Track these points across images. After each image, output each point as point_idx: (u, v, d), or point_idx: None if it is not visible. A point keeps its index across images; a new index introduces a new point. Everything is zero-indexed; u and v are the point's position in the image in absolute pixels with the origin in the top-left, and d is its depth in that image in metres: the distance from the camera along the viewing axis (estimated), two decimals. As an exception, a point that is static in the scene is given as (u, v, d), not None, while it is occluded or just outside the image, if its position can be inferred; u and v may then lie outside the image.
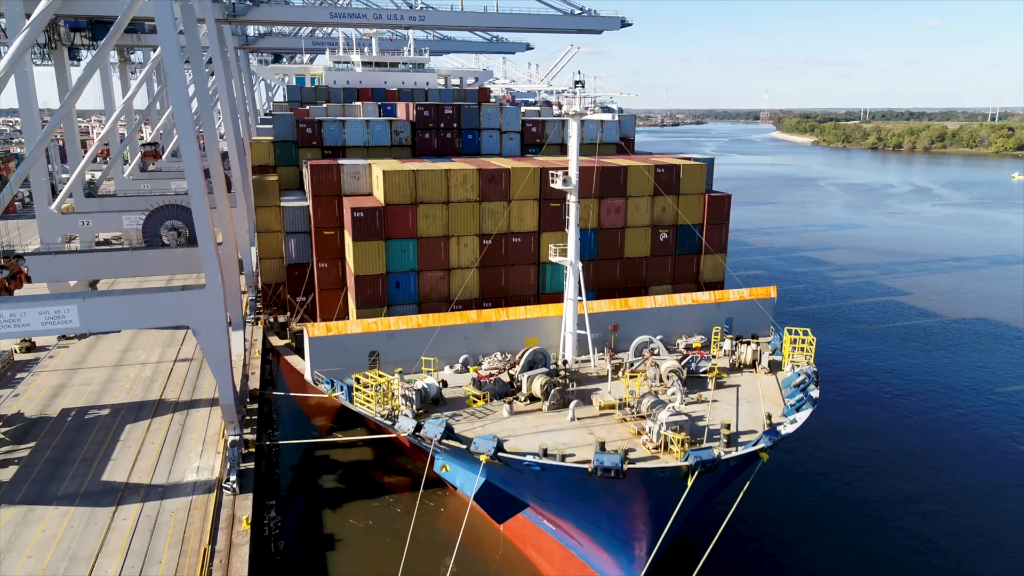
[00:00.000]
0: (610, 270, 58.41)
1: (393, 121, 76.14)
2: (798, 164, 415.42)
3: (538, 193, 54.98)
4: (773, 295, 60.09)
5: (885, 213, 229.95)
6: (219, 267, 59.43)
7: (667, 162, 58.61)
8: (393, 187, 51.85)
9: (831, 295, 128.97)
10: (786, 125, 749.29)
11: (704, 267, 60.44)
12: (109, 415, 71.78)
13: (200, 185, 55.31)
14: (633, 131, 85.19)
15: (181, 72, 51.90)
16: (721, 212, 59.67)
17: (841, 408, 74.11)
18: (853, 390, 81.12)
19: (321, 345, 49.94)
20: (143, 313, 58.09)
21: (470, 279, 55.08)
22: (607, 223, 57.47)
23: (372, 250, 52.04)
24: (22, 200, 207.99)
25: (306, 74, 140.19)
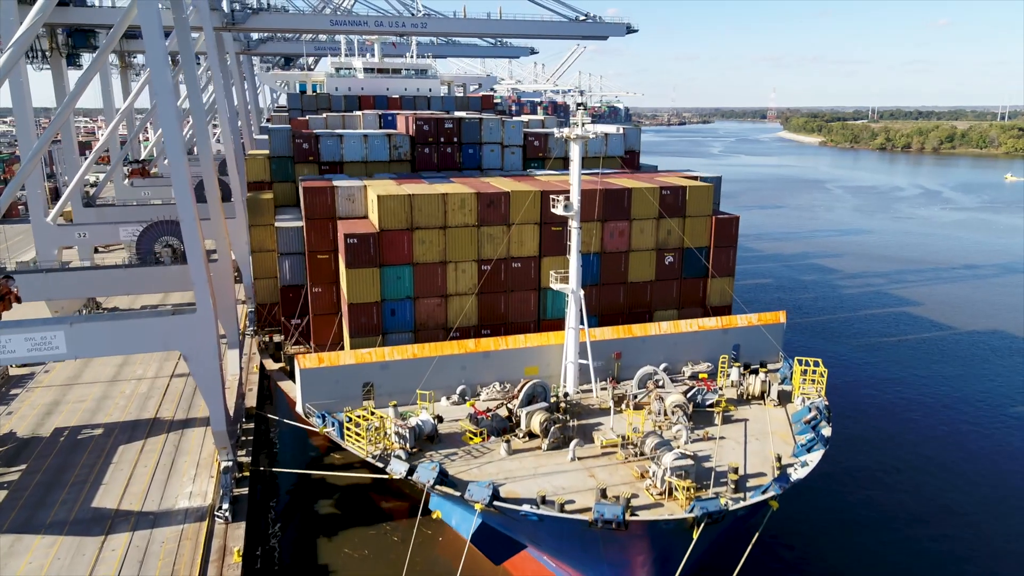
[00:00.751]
0: (613, 295, 56.49)
1: (392, 135, 74.30)
2: (805, 165, 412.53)
3: (539, 217, 53.11)
4: (782, 320, 58.08)
5: (894, 218, 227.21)
6: (211, 289, 57.79)
7: (672, 183, 56.60)
8: (388, 212, 50.02)
9: (840, 305, 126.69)
10: (793, 125, 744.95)
11: (711, 291, 58.49)
12: (102, 435, 70.39)
13: (189, 202, 53.31)
14: (638, 143, 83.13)
15: (168, 80, 50.08)
16: (728, 235, 57.68)
17: (854, 444, 68.96)
18: (866, 420, 76.71)
19: (312, 377, 48.18)
20: (132, 339, 56.54)
21: (468, 306, 53.27)
22: (610, 247, 55.56)
23: (366, 277, 50.26)
24: (25, 204, 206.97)
25: (308, 81, 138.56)
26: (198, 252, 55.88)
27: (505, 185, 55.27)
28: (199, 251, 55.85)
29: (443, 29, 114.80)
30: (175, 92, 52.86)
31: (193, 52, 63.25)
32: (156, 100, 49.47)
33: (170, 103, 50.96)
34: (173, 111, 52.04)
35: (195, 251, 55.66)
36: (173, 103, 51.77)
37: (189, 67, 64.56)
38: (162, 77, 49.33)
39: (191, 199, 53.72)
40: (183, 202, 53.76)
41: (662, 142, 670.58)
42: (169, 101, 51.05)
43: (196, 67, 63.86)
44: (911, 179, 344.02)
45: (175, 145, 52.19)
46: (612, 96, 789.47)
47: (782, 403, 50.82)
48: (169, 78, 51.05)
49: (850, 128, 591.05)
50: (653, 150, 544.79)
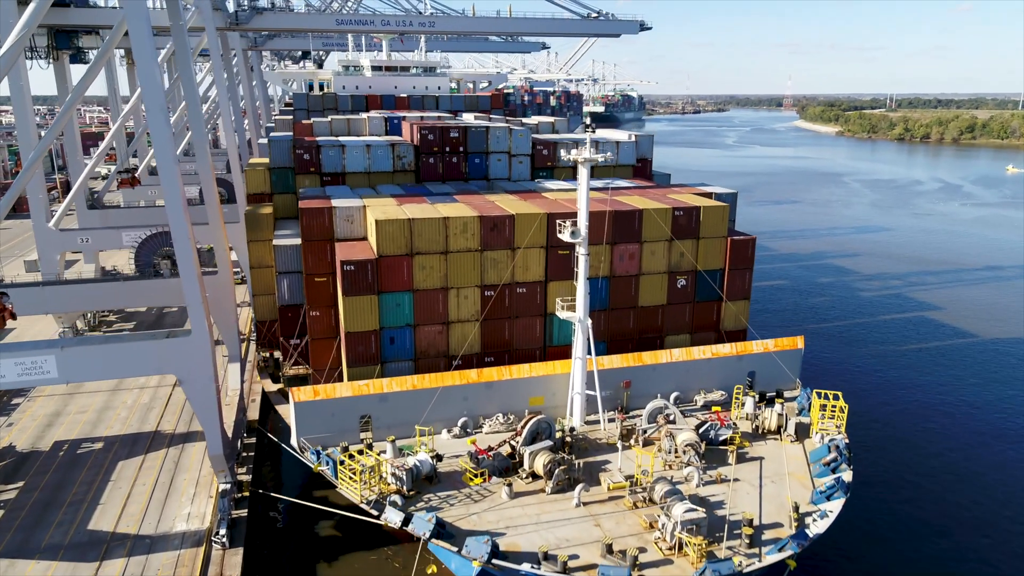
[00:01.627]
0: (623, 320, 54.15)
1: (396, 145, 72.02)
2: (822, 157, 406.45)
3: (545, 240, 50.76)
4: (799, 346, 55.53)
5: (913, 214, 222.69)
6: (206, 311, 55.99)
7: (686, 203, 53.99)
8: (386, 237, 47.83)
9: (858, 310, 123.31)
10: (810, 114, 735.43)
11: (725, 315, 56.00)
12: (102, 450, 69.17)
13: (181, 214, 50.99)
14: (650, 151, 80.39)
15: (156, 81, 47.26)
16: (744, 257, 55.10)
17: (877, 487, 61.64)
18: (888, 453, 69.30)
19: (307, 410, 46.26)
20: (124, 363, 54.83)
21: (471, 333, 51.10)
22: (620, 270, 53.13)
23: (364, 305, 48.18)
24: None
25: (315, 79, 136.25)
26: (192, 272, 53.92)
27: (510, 205, 52.89)
28: (193, 270, 53.89)
29: (452, 28, 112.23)
30: (165, 91, 50.48)
31: (189, 52, 60.90)
32: (143, 102, 47.34)
33: (158, 105, 48.43)
34: (162, 114, 49.59)
35: (189, 270, 53.67)
36: (162, 104, 49.27)
37: (185, 67, 62.21)
38: (150, 77, 46.99)
39: (183, 210, 51.31)
40: (175, 214, 51.54)
41: (676, 131, 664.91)
42: (157, 103, 48.46)
43: (195, 66, 61.36)
44: (930, 172, 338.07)
45: (165, 150, 50.02)
46: (625, 84, 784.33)
47: (799, 438, 48.40)
48: (157, 78, 48.48)
49: (868, 118, 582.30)
50: (667, 140, 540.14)
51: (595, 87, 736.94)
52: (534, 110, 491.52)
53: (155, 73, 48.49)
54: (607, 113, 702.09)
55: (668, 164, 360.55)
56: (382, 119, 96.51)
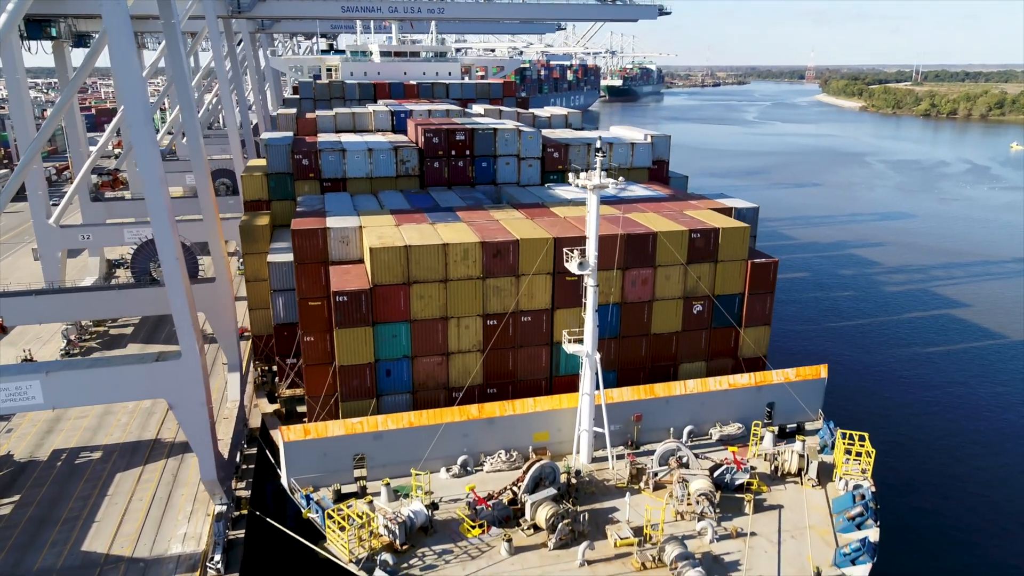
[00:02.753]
0: (634, 348, 50.97)
1: (399, 148, 68.68)
2: (845, 135, 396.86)
3: (551, 266, 47.53)
4: (823, 375, 52.14)
5: (939, 199, 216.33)
6: (196, 334, 53.51)
7: (703, 224, 50.39)
8: (382, 266, 44.78)
9: (882, 306, 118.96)
10: (833, 88, 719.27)
11: (744, 342, 52.63)
12: (100, 459, 67.50)
13: (166, 221, 48.01)
14: (667, 152, 76.63)
15: (134, 69, 44.34)
16: (766, 281, 51.57)
17: (907, 544, 55.31)
18: (918, 494, 63.41)
19: (297, 450, 43.73)
20: (112, 387, 52.66)
21: (472, 364, 48.19)
22: (632, 296, 49.83)
23: (358, 337, 45.35)
24: (48, 178, 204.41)
25: (322, 65, 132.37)
26: (180, 290, 51.28)
27: (515, 227, 49.53)
28: (181, 289, 51.23)
29: (462, 14, 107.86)
30: (143, 81, 47.22)
31: (179, 38, 57.60)
32: (119, 91, 44.12)
33: (136, 94, 45.16)
34: (140, 104, 46.41)
35: (177, 288, 50.99)
36: (140, 93, 45.99)
37: (175, 50, 58.80)
38: (126, 64, 43.83)
39: (168, 217, 48.34)
40: (159, 222, 48.59)
41: (695, 106, 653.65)
42: (135, 92, 45.26)
43: (183, 52, 57.89)
44: (957, 151, 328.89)
45: (145, 147, 47.00)
46: (643, 57, 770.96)
47: (822, 483, 45.26)
48: (136, 65, 45.40)
49: (893, 92, 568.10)
50: (686, 116, 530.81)
51: (613, 60, 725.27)
52: (550, 85, 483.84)
53: (132, 60, 45.02)
54: (625, 87, 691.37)
55: (687, 142, 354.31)
56: (388, 113, 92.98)
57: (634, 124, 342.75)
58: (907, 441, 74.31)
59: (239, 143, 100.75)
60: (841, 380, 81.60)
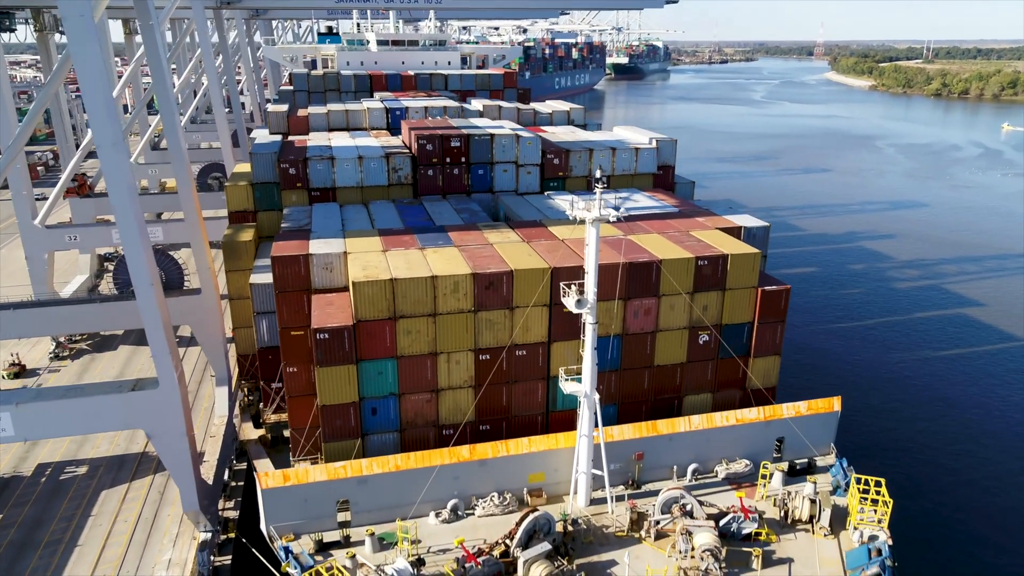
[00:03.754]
0: (636, 380, 48.05)
1: (391, 156, 65.41)
2: (853, 116, 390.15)
3: (548, 297, 44.51)
4: (836, 408, 49.20)
5: (951, 186, 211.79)
6: (174, 360, 50.82)
7: (712, 251, 47.13)
8: (365, 300, 41.80)
9: (894, 305, 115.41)
10: (842, 66, 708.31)
11: (753, 372, 49.66)
12: (86, 475, 65.51)
13: (136, 234, 44.91)
14: (673, 156, 73.12)
15: (95, 57, 41.10)
16: (776, 309, 48.45)
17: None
18: (939, 552, 58.68)
19: (277, 497, 41.07)
20: (86, 418, 50.16)
21: (464, 400, 45.38)
22: (634, 327, 46.81)
23: (340, 375, 42.53)
24: (45, 164, 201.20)
25: (317, 54, 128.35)
26: (156, 316, 48.42)
27: (509, 254, 46.35)
28: (156, 314, 48.38)
29: (461, 4, 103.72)
30: (108, 76, 43.88)
31: (155, 25, 54.25)
32: (80, 83, 41.12)
33: (98, 87, 41.95)
34: (103, 99, 43.17)
35: (151, 313, 48.12)
36: (104, 87, 42.71)
37: (151, 44, 55.54)
38: (85, 53, 40.63)
39: (137, 228, 45.26)
40: (127, 232, 45.44)
41: (702, 84, 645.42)
42: (98, 90, 41.91)
43: (160, 43, 54.44)
44: (968, 134, 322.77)
45: (108, 143, 43.83)
46: (649, 33, 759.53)
47: (835, 531, 42.50)
48: (97, 54, 41.93)
49: (903, 71, 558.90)
50: (692, 95, 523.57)
51: (619, 36, 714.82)
52: (555, 64, 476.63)
53: (95, 52, 41.69)
54: (631, 64, 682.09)
55: (693, 124, 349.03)
56: (383, 111, 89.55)
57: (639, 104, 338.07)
58: (928, 483, 68.58)
59: (229, 138, 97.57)
60: (855, 404, 78.32)
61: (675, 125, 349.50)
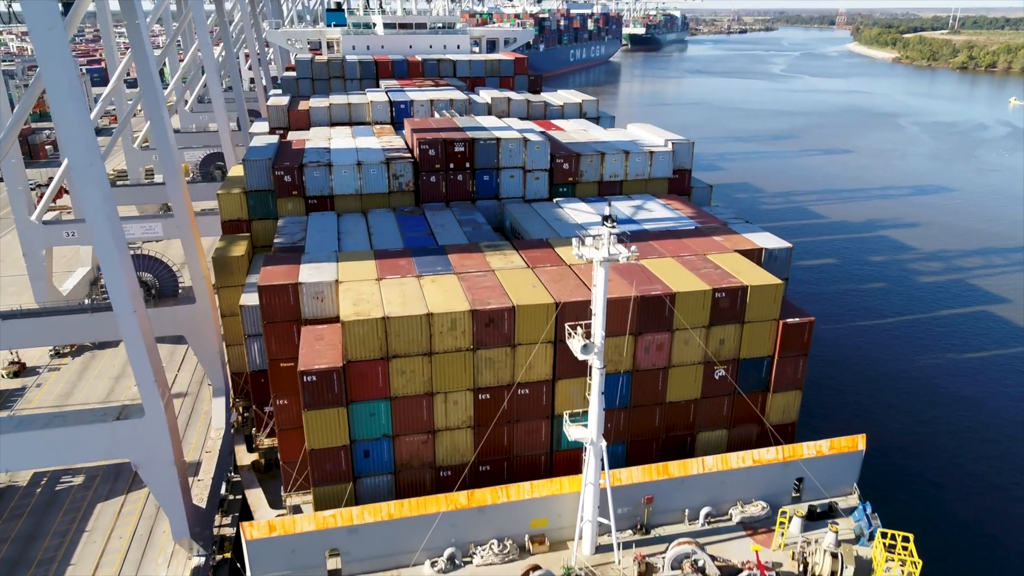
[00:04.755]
0: (646, 417, 45.08)
1: (392, 162, 62.10)
2: (876, 92, 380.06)
3: (553, 334, 41.43)
4: (860, 447, 46.06)
5: (976, 169, 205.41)
6: (160, 386, 48.46)
7: (730, 283, 43.69)
8: (356, 341, 38.92)
9: (920, 305, 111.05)
10: (865, 37, 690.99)
11: (772, 407, 46.53)
12: (82, 486, 64.09)
13: (111, 244, 42.28)
14: (690, 159, 69.28)
15: (60, 44, 38.46)
16: (799, 342, 45.13)
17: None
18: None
19: (262, 548, 38.65)
20: (68, 449, 48.11)
21: (462, 441, 42.63)
22: (645, 363, 43.71)
23: (329, 419, 39.86)
24: (53, 142, 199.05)
25: (322, 38, 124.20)
26: (138, 339, 45.97)
27: (512, 284, 43.12)
28: (138, 336, 45.91)
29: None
30: (70, 60, 41.07)
31: (138, 9, 51.13)
32: (50, 103, 38.31)
33: (71, 106, 39.09)
34: (73, 116, 40.40)
35: (133, 336, 45.67)
36: (77, 105, 39.87)
37: (133, 28, 52.45)
38: (56, 72, 37.72)
39: (118, 257, 42.74)
40: (108, 264, 42.92)
41: (720, 56, 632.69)
42: (69, 104, 39.04)
43: (143, 31, 51.26)
44: (995, 112, 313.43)
45: (83, 164, 41.24)
46: (666, 3, 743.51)
47: (858, 589, 39.65)
48: (72, 72, 39.05)
49: (928, 43, 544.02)
50: (710, 68, 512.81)
51: (636, 5, 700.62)
52: (571, 35, 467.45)
53: (67, 72, 38.84)
54: (648, 35, 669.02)
55: (711, 99, 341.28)
56: (387, 104, 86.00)
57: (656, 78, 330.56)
58: (962, 534, 62.63)
59: (228, 131, 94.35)
60: (878, 435, 74.29)
61: (692, 101, 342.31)
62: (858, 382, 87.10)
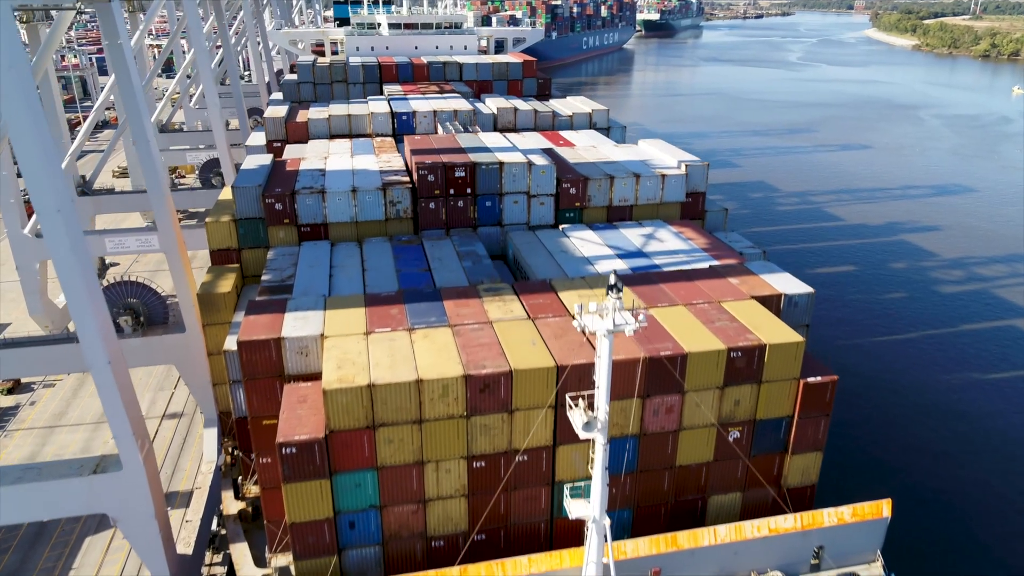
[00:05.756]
0: (655, 481, 41.95)
1: (388, 188, 58.91)
2: (895, 82, 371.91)
3: (554, 398, 38.31)
4: (885, 513, 42.72)
5: (1000, 167, 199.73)
6: (140, 439, 45.76)
7: (747, 341, 40.27)
8: (339, 410, 35.91)
9: (943, 320, 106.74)
10: (884, 23, 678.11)
11: (790, 470, 43.29)
12: (70, 518, 61.71)
13: (88, 312, 40.08)
14: (704, 182, 65.72)
15: (26, 86, 35.81)
16: (821, 402, 41.77)
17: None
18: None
19: (239, 631, 35.96)
20: (45, 503, 45.54)
21: (455, 510, 39.69)
22: (653, 427, 40.52)
23: (311, 491, 36.99)
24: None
25: (325, 39, 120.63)
26: (113, 391, 43.24)
27: (509, 341, 39.87)
28: (114, 389, 43.18)
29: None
30: (35, 101, 38.19)
31: (124, 33, 48.24)
32: (14, 148, 35.59)
33: (28, 118, 36.26)
34: (39, 158, 37.65)
35: (108, 388, 42.96)
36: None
37: (115, 50, 49.57)
38: (7, 79, 34.68)
39: (91, 312, 40.34)
40: (81, 319, 40.26)
41: (735, 43, 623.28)
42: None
43: (125, 36, 48.46)
44: (1018, 104, 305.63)
45: (50, 209, 38.45)
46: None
47: None
48: (27, 80, 36.29)
49: (949, 30, 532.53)
50: (725, 56, 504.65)
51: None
52: (583, 22, 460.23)
53: (24, 81, 35.95)
54: (662, 21, 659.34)
55: (725, 89, 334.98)
56: (388, 115, 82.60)
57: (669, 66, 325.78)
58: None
59: (224, 138, 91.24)
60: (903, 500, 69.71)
61: (706, 91, 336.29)
62: (881, 424, 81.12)
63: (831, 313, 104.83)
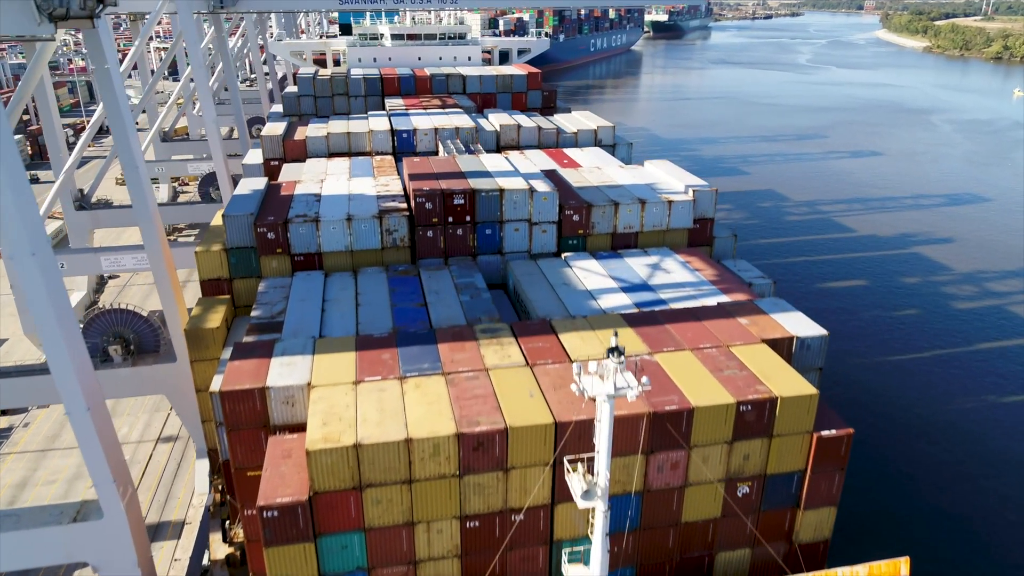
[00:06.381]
0: (659, 539, 39.75)
1: (385, 216, 56.88)
2: (906, 85, 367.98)
3: (551, 454, 36.20)
4: (904, 573, 40.33)
5: (1015, 174, 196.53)
6: (122, 485, 44.03)
7: (757, 394, 38.03)
8: (323, 470, 33.88)
9: (960, 341, 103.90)
10: (895, 24, 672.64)
11: (803, 525, 41.02)
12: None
13: (66, 361, 38.65)
14: (712, 208, 63.42)
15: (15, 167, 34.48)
16: (836, 456, 39.47)
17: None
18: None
19: None
20: (21, 552, 43.77)
21: (448, 571, 37.59)
22: (658, 483, 38.34)
23: (295, 554, 34.99)
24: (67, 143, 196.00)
25: (327, 50, 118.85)
26: (92, 436, 41.59)
27: (507, 395, 37.70)
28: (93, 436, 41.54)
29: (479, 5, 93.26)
30: (11, 144, 36.75)
31: (104, 31, 46.60)
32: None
33: (7, 160, 34.95)
34: (14, 197, 36.12)
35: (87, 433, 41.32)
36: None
37: (103, 74, 47.97)
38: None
39: (69, 362, 38.79)
40: (40, 313, 38.30)
41: (744, 45, 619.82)
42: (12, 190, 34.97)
43: (109, 48, 46.89)
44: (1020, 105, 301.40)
45: (23, 253, 36.81)
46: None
47: None
48: (3, 125, 35.02)
49: (961, 32, 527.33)
50: (734, 58, 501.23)
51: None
52: (591, 24, 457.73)
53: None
54: (671, 22, 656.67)
55: (734, 93, 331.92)
56: (388, 133, 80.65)
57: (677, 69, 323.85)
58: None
59: (222, 156, 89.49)
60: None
61: (714, 95, 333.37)
62: (899, 475, 74.35)
63: (843, 331, 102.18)
